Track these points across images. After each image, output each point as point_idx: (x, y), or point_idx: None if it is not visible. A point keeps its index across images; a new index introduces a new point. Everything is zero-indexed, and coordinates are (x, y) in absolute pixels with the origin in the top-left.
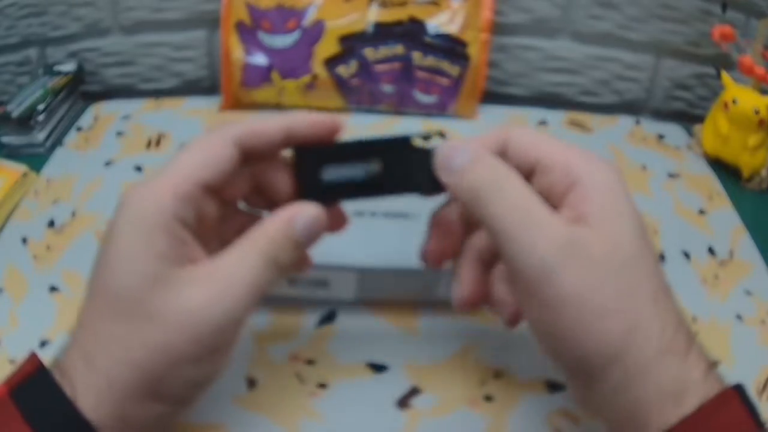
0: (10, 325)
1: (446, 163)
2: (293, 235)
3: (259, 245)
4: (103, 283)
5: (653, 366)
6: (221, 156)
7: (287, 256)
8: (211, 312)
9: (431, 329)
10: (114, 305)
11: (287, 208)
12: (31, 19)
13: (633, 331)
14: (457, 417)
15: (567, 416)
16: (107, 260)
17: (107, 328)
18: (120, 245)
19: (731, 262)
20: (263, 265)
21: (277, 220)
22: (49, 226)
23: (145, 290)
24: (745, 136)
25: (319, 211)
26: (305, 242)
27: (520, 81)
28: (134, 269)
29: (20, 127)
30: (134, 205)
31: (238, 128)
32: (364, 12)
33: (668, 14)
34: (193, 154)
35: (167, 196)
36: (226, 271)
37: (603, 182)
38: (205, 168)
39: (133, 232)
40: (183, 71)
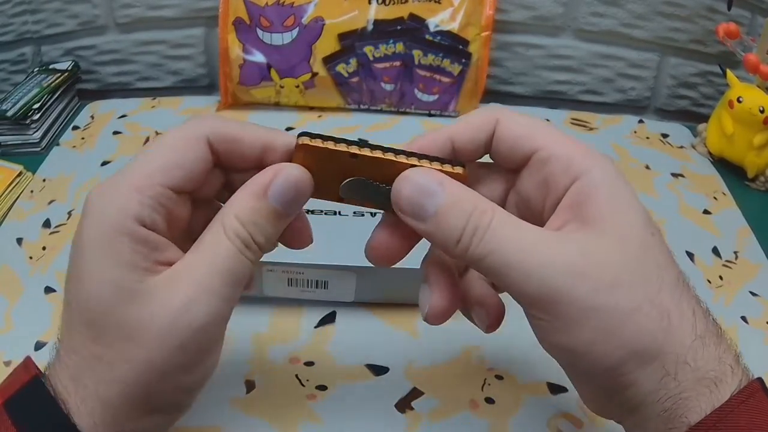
0: (5, 327)
1: (416, 211)
2: (267, 207)
3: (228, 229)
4: (74, 296)
5: (693, 353)
6: (191, 158)
7: (264, 233)
8: (189, 317)
9: (432, 331)
10: (88, 322)
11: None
12: (26, 17)
13: (666, 321)
14: (458, 419)
15: (569, 419)
16: (75, 271)
17: (87, 348)
18: (85, 255)
19: (736, 262)
20: (236, 251)
21: (244, 194)
22: (45, 226)
23: (115, 304)
24: (750, 135)
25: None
26: (286, 212)
27: (522, 79)
28: (101, 281)
29: (15, 126)
30: (97, 211)
31: (213, 126)
32: (364, 9)
33: (673, 12)
34: (160, 152)
35: (130, 199)
36: (198, 268)
37: (605, 178)
38: (173, 169)
39: (97, 241)
40: (180, 69)
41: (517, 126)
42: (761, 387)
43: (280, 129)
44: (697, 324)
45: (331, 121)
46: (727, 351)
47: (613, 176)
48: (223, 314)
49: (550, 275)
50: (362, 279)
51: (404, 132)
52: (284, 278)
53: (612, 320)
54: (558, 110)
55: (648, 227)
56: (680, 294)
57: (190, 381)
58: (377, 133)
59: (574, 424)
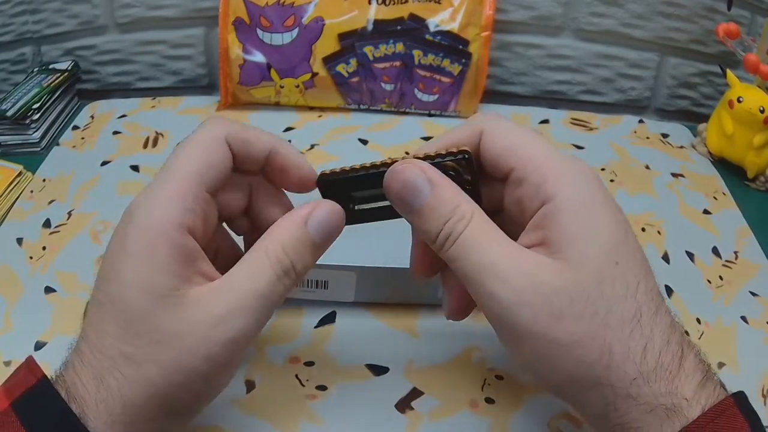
0: (4, 327)
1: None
2: (308, 237)
3: (272, 254)
4: (111, 297)
5: (637, 388)
6: (219, 158)
7: (303, 261)
8: (224, 330)
9: (432, 331)
10: (122, 323)
11: (298, 208)
12: (26, 17)
13: (607, 357)
14: (459, 419)
15: (569, 419)
16: (114, 274)
17: (117, 348)
18: (128, 260)
19: (736, 262)
20: (277, 276)
21: (288, 222)
22: (45, 226)
23: (153, 309)
24: (750, 135)
25: (334, 207)
26: (322, 244)
27: (523, 79)
28: (142, 285)
29: (15, 125)
30: (142, 217)
31: (230, 128)
32: (364, 9)
33: (673, 11)
34: (194, 156)
35: (175, 206)
36: (239, 286)
37: (571, 203)
38: (208, 170)
39: (140, 247)
40: (180, 69)
41: (496, 141)
42: (735, 403)
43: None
44: (646, 361)
45: (331, 121)
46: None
47: (582, 201)
48: (252, 333)
49: (500, 294)
50: (362, 279)
51: (404, 132)
52: None
53: (549, 349)
54: (558, 110)
55: (611, 256)
56: (631, 331)
57: (210, 389)
58: (377, 133)
59: (574, 424)
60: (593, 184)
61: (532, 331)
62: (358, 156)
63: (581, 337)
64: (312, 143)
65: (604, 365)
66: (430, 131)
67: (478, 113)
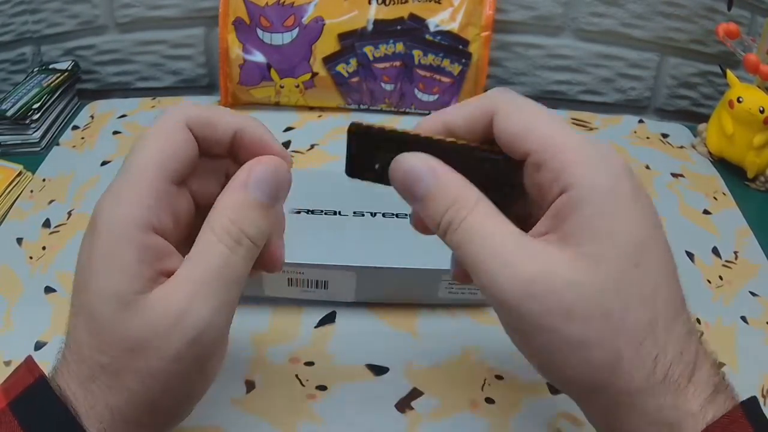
0: (4, 327)
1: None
2: (251, 199)
3: (217, 227)
4: (80, 307)
5: (642, 398)
6: (180, 146)
7: (254, 225)
8: (186, 326)
9: (432, 331)
10: (93, 332)
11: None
12: (26, 17)
13: (616, 363)
14: (459, 420)
15: (569, 419)
16: (82, 282)
17: (93, 357)
18: (92, 266)
19: (736, 262)
20: (229, 248)
21: (228, 191)
22: (45, 226)
23: (119, 317)
24: (750, 135)
25: (274, 161)
26: (270, 202)
27: (522, 79)
28: (105, 293)
29: (15, 125)
30: (104, 222)
31: (188, 112)
32: (364, 9)
33: (673, 12)
34: (151, 148)
35: (136, 205)
36: (192, 272)
37: (596, 192)
38: (167, 161)
39: (103, 252)
40: (180, 69)
41: (511, 122)
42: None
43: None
44: (655, 372)
45: (331, 121)
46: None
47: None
48: (220, 320)
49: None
50: (362, 279)
51: None
52: (284, 278)
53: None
54: (558, 110)
55: (632, 257)
56: (644, 339)
57: (190, 389)
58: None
59: (574, 424)
60: (620, 174)
61: (539, 325)
62: None
63: (590, 339)
64: (312, 143)
65: (610, 370)
66: None
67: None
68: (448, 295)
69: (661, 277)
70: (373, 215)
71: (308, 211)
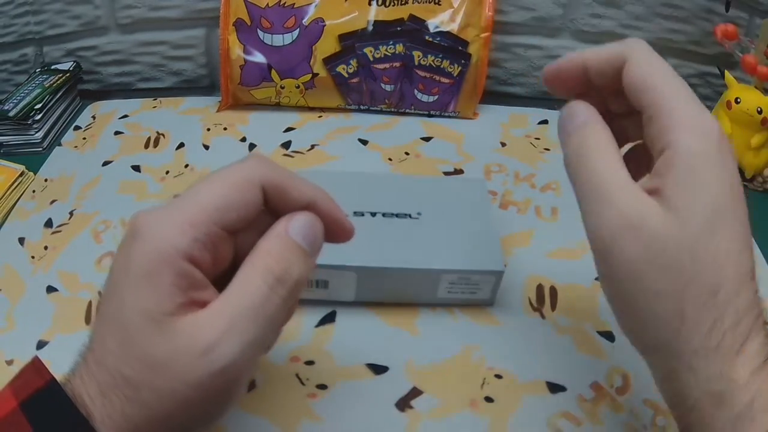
0: (6, 326)
1: (562, 124)
2: (293, 242)
3: (258, 264)
4: (111, 314)
5: (696, 361)
6: (246, 201)
7: (295, 268)
8: (213, 358)
9: (431, 330)
10: (120, 342)
11: (276, 223)
12: (28, 18)
13: (678, 320)
14: (458, 418)
15: (568, 418)
16: (115, 291)
17: (117, 367)
18: (128, 278)
19: None
20: (268, 286)
21: (270, 234)
22: (47, 226)
23: (148, 333)
24: (748, 135)
25: (312, 215)
26: (309, 250)
27: (522, 80)
28: (137, 307)
29: (17, 126)
30: (148, 237)
31: (267, 174)
32: (364, 10)
33: (671, 13)
34: (216, 189)
35: (183, 233)
36: (228, 307)
37: (692, 152)
38: (228, 210)
39: (142, 267)
40: (181, 70)
41: (635, 74)
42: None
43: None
44: (710, 337)
45: (332, 121)
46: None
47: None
48: (248, 357)
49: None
50: (362, 279)
51: (404, 132)
52: None
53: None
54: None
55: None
56: (705, 302)
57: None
58: (377, 134)
59: (574, 423)
60: (712, 140)
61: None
62: (358, 156)
63: (662, 290)
64: (312, 143)
65: (675, 327)
66: (429, 132)
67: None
68: (448, 295)
69: (734, 246)
70: (373, 215)
71: None
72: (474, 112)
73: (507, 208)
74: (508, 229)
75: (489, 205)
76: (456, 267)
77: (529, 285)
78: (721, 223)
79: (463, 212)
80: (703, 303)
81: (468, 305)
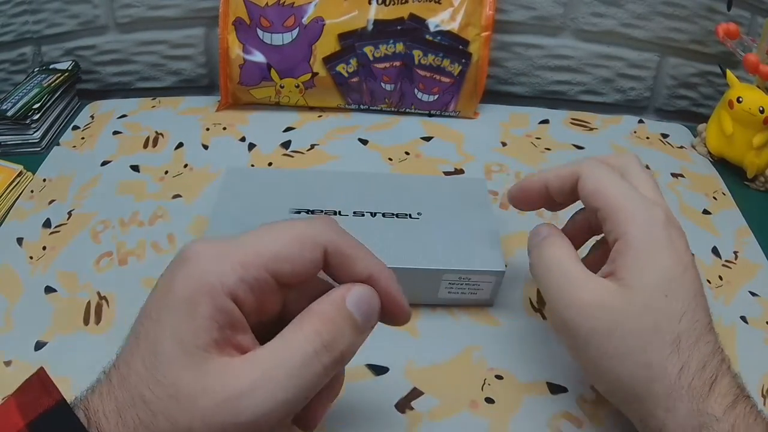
0: (5, 327)
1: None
2: (347, 313)
3: (307, 327)
4: (145, 334)
5: (671, 402)
6: (305, 259)
7: (344, 339)
8: (238, 409)
9: (432, 330)
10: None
11: (334, 289)
12: (26, 17)
13: (648, 371)
14: (459, 419)
15: (569, 418)
16: (155, 313)
17: (139, 388)
18: (170, 304)
19: (736, 262)
20: (313, 351)
21: (328, 298)
22: (45, 226)
23: (179, 363)
24: (749, 135)
25: (372, 290)
26: (362, 324)
27: (522, 79)
28: (175, 336)
29: (16, 126)
30: (198, 266)
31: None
32: (364, 10)
33: (672, 12)
34: (277, 237)
35: (233, 271)
36: (267, 361)
37: (639, 241)
38: (284, 261)
39: (184, 295)
40: (180, 69)
41: (587, 184)
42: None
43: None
44: (680, 381)
45: (332, 121)
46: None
47: (646, 241)
48: (276, 417)
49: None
50: None
51: (404, 132)
52: None
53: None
54: (558, 110)
55: (662, 289)
56: (669, 353)
57: None
58: (377, 133)
59: (574, 424)
60: (660, 228)
61: (588, 341)
62: (358, 156)
63: (626, 352)
64: (312, 143)
65: (646, 378)
66: (430, 131)
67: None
68: (448, 295)
69: (687, 306)
70: (373, 215)
71: (308, 211)
72: (474, 112)
73: (508, 208)
74: (508, 229)
75: (489, 205)
76: (456, 267)
77: (530, 285)
78: (670, 289)
79: (463, 212)
80: (668, 354)
81: (468, 305)
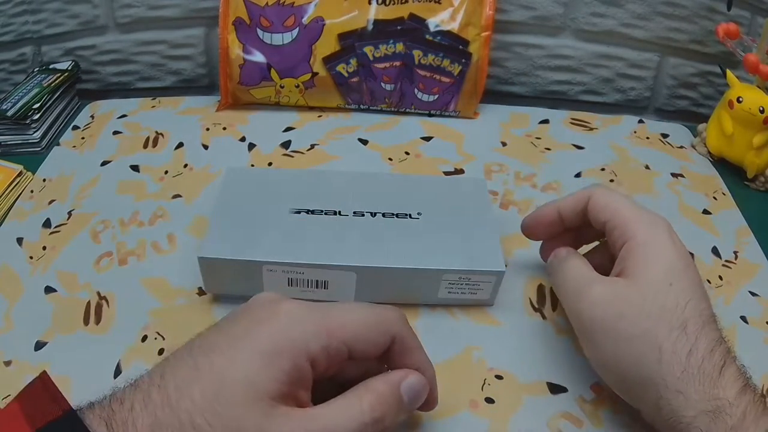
0: (5, 327)
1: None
2: (399, 396)
3: (365, 402)
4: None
5: (682, 385)
6: (376, 340)
7: (391, 417)
8: None
9: (432, 331)
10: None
11: (393, 372)
12: (26, 17)
13: (657, 353)
14: (459, 419)
15: (569, 419)
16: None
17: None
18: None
19: (736, 262)
20: (366, 421)
21: (385, 378)
22: (45, 226)
23: (244, 404)
24: (750, 135)
25: (425, 380)
26: (408, 407)
27: (522, 79)
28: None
29: (16, 125)
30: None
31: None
32: (364, 9)
33: (672, 12)
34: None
35: (317, 334)
36: (327, 420)
37: (643, 242)
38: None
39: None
40: (180, 69)
41: (598, 201)
42: None
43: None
44: (690, 363)
45: (331, 121)
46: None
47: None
48: None
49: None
50: (362, 279)
51: (404, 132)
52: (284, 278)
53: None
54: (558, 110)
55: (667, 279)
56: (677, 336)
57: None
58: (377, 133)
59: (574, 424)
60: (663, 231)
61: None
62: (358, 156)
63: (636, 334)
64: (312, 143)
65: (655, 360)
66: (430, 131)
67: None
68: (448, 295)
69: (691, 295)
70: (373, 215)
71: (308, 211)
72: (474, 112)
73: (508, 208)
74: (508, 229)
75: (489, 205)
76: (456, 267)
77: (530, 285)
78: (675, 280)
79: (463, 212)
80: (677, 337)
81: (468, 305)
